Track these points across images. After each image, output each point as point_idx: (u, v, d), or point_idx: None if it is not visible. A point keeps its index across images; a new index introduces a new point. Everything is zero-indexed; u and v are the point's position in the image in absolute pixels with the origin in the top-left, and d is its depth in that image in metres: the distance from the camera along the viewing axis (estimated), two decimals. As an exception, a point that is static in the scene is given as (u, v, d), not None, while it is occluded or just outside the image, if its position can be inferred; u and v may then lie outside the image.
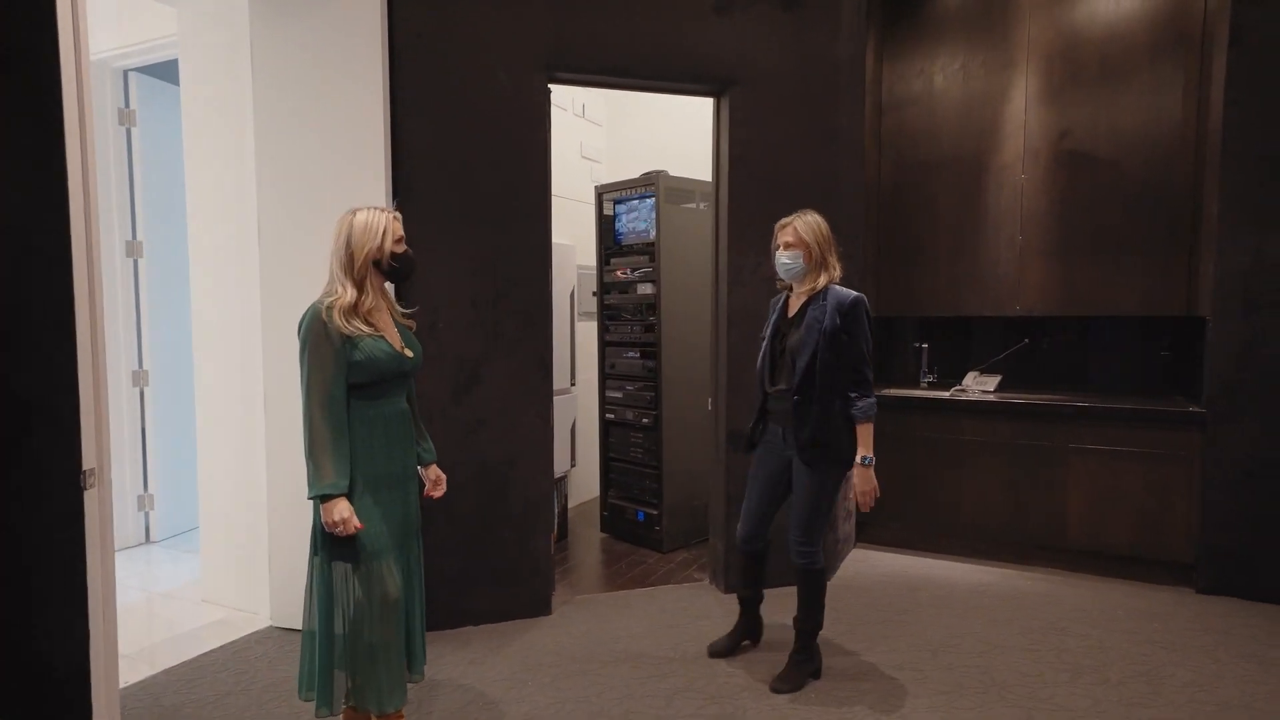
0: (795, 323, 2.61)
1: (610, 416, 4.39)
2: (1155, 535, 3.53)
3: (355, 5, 2.81)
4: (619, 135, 5.35)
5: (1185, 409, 3.44)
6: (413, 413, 2.21)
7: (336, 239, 2.05)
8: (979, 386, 4.03)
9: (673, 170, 4.13)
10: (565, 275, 4.13)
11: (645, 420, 4.17)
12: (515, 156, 3.07)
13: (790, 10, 3.35)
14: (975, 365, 4.20)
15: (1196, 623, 3.11)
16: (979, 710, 2.44)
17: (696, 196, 4.24)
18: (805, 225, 2.60)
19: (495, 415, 3.09)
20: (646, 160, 4.69)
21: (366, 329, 2.02)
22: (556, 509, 4.08)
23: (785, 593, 3.26)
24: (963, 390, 4.01)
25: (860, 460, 2.54)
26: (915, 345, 4.39)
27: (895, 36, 4.26)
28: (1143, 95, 3.69)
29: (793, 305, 2.67)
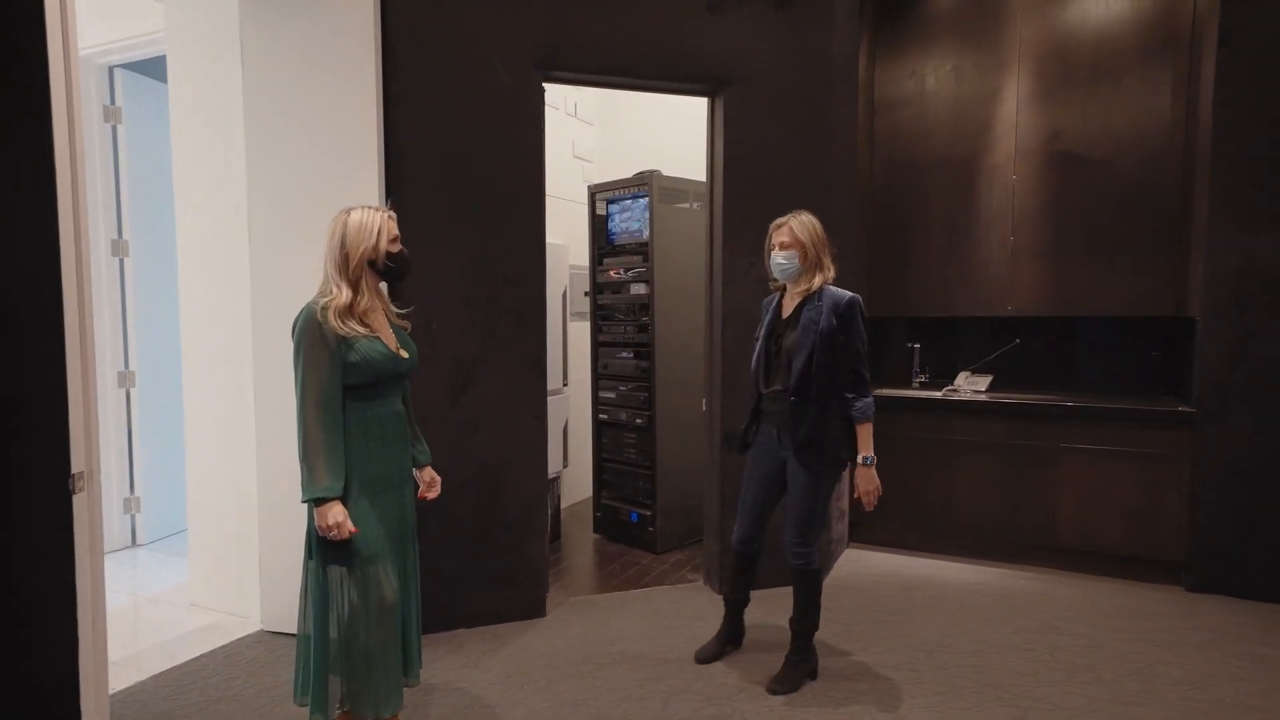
0: (791, 324, 2.60)
1: (603, 417, 4.37)
2: (1146, 534, 3.55)
3: (348, 0, 2.78)
4: (611, 135, 5.33)
5: (1175, 409, 3.47)
6: (408, 414, 2.19)
7: (331, 239, 2.02)
8: (971, 386, 4.05)
9: (663, 170, 4.12)
10: (557, 275, 4.11)
11: (639, 421, 4.15)
12: (510, 155, 3.05)
13: (784, 10, 3.34)
14: (967, 365, 4.22)
15: (1187, 621, 3.13)
16: (976, 710, 2.44)
17: (690, 196, 4.23)
18: (801, 225, 2.59)
19: (491, 416, 3.07)
20: (637, 160, 4.68)
21: (362, 330, 1.99)
22: (550, 510, 4.06)
23: (776, 593, 3.28)
24: (955, 390, 4.03)
25: (862, 460, 2.55)
26: (907, 345, 4.40)
27: (887, 37, 4.27)
28: (1133, 96, 3.72)
29: (787, 306, 2.66)
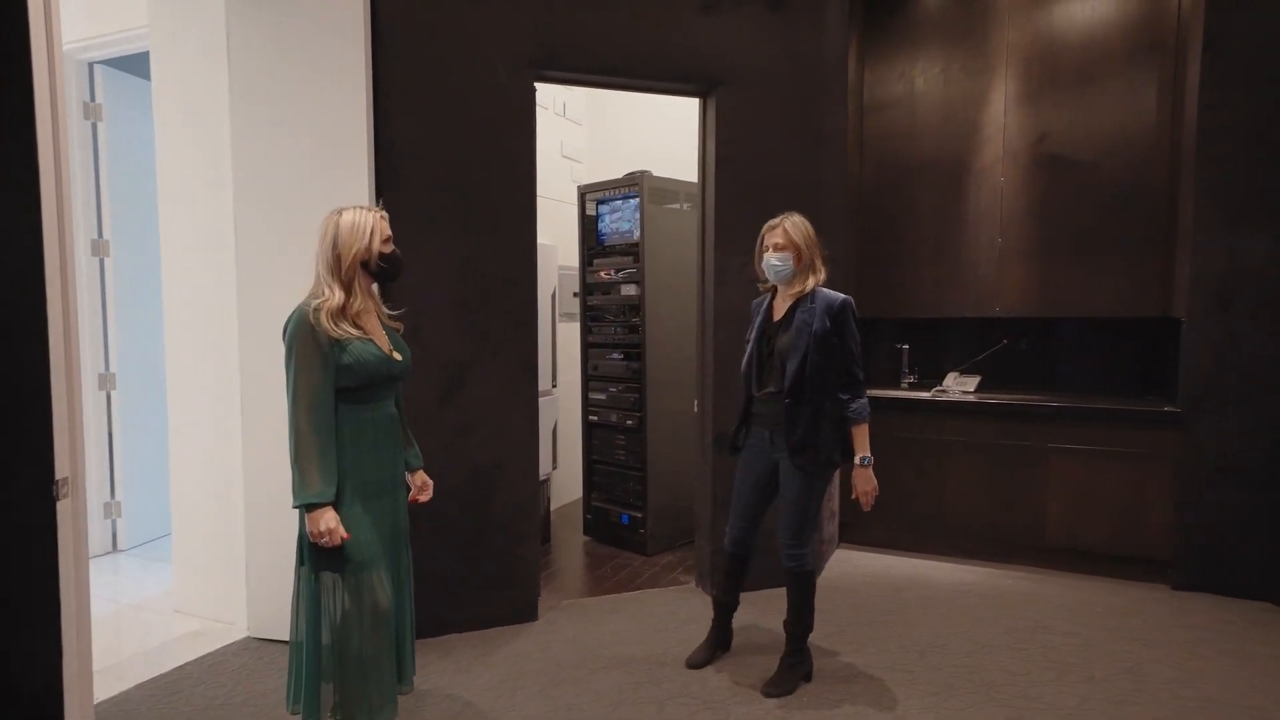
0: (783, 326, 2.60)
1: (594, 419, 4.35)
2: (1133, 533, 3.59)
3: (336, -2, 2.74)
4: (599, 134, 5.31)
5: (1161, 409, 3.51)
6: (401, 417, 2.16)
7: (322, 240, 1.99)
8: (959, 387, 4.07)
9: (652, 170, 4.10)
10: (546, 276, 4.08)
11: (629, 422, 4.13)
12: (501, 155, 3.02)
13: (776, 11, 3.34)
14: (955, 366, 4.24)
15: (1175, 619, 3.16)
16: (971, 710, 2.45)
17: (681, 197, 4.21)
18: (795, 227, 2.59)
19: (482, 419, 3.04)
20: (627, 160, 4.66)
21: (355, 332, 1.96)
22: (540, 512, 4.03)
23: (767, 595, 3.28)
24: (943, 391, 4.05)
25: (859, 460, 2.55)
26: (896, 346, 4.42)
27: (876, 39, 4.28)
28: (1119, 99, 3.76)
29: (778, 308, 2.66)
